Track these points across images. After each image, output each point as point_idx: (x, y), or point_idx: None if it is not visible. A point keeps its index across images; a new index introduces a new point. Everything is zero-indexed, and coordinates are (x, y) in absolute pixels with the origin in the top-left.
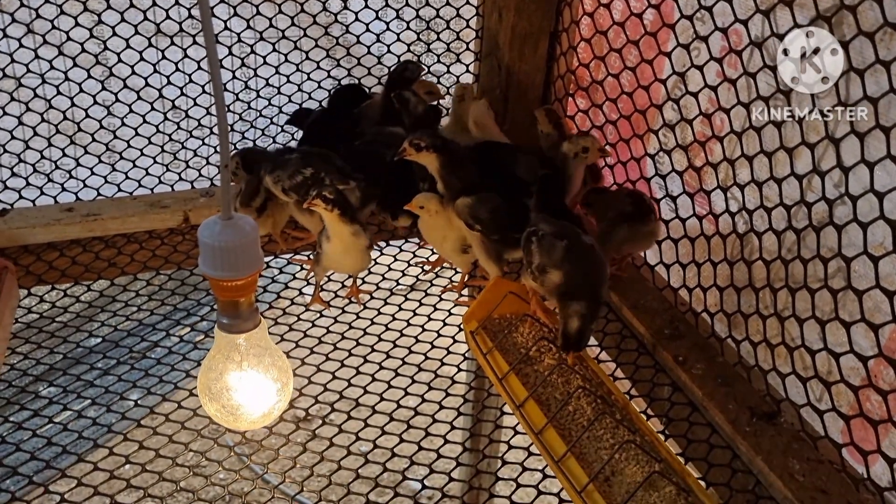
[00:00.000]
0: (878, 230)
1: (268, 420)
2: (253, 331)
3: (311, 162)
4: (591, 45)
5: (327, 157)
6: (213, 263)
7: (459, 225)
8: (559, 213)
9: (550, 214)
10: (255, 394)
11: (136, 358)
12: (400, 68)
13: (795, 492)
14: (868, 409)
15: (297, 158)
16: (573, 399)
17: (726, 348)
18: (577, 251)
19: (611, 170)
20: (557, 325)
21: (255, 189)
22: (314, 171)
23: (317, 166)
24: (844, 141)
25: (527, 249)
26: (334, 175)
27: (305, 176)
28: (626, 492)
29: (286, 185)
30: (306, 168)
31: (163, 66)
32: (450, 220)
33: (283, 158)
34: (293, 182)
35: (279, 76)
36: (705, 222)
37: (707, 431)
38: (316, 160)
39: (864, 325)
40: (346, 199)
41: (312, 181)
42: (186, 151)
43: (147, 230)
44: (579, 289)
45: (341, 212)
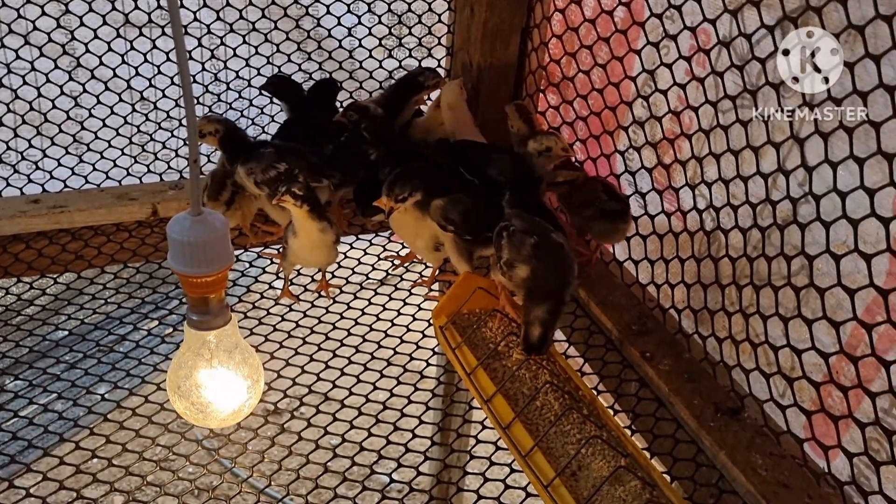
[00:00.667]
0: (840, 229)
1: (238, 418)
2: (223, 327)
3: (285, 157)
4: (562, 42)
5: (301, 153)
6: (182, 260)
7: (432, 224)
8: (533, 209)
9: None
10: (225, 392)
11: (103, 352)
12: (416, 72)
13: (758, 486)
14: (829, 405)
15: (272, 152)
16: (541, 394)
17: (693, 344)
18: (546, 248)
19: (581, 166)
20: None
21: (222, 182)
22: (288, 167)
23: (291, 161)
24: (809, 141)
25: (497, 244)
26: (307, 172)
27: (279, 171)
28: (592, 486)
29: (259, 178)
30: (280, 163)
31: (131, 56)
32: (423, 216)
33: (258, 151)
34: (266, 176)
35: (249, 68)
36: (674, 219)
37: (673, 426)
38: (290, 155)
39: (826, 323)
40: (315, 196)
41: (286, 176)
42: (155, 143)
43: (115, 223)
44: (545, 287)
45: (310, 208)
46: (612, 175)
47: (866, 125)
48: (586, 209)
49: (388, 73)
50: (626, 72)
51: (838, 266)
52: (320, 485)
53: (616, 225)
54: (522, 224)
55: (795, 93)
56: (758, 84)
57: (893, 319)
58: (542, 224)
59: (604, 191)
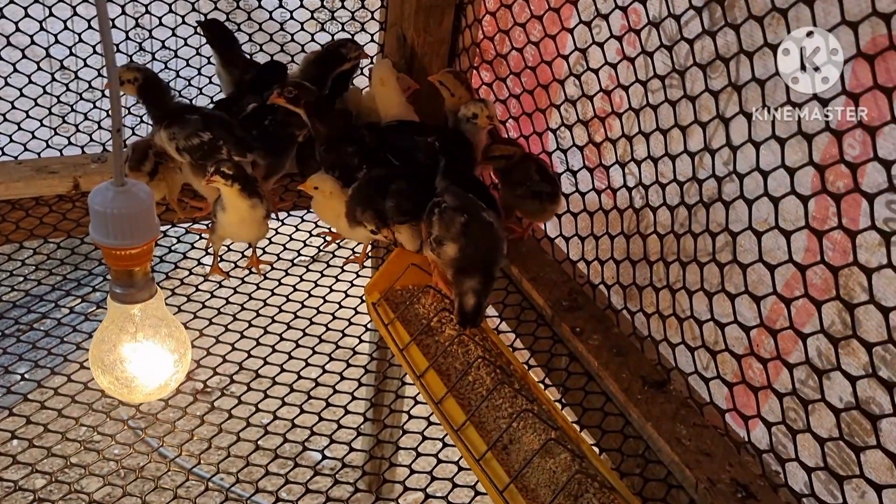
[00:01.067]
0: (762, 207)
1: (164, 392)
2: (148, 301)
3: (211, 126)
4: (495, 19)
5: (228, 124)
6: (105, 231)
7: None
8: (466, 181)
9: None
10: (150, 365)
11: (22, 330)
12: (337, 44)
13: (682, 455)
14: (750, 377)
15: (198, 120)
16: (473, 369)
17: (622, 319)
18: (476, 227)
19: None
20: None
21: (144, 153)
22: (212, 137)
23: (216, 132)
24: (733, 121)
25: (429, 220)
26: (231, 144)
27: (203, 139)
28: (523, 459)
29: (181, 144)
30: (205, 132)
31: (50, 23)
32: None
33: (183, 117)
34: (189, 143)
35: (176, 38)
36: (604, 196)
37: (602, 400)
38: (216, 125)
39: (748, 297)
40: (245, 173)
41: (209, 147)
42: (76, 115)
43: (34, 196)
44: (473, 264)
45: (241, 186)
46: (544, 152)
47: (788, 105)
48: (518, 187)
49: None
50: (558, 50)
51: (760, 243)
52: (251, 462)
53: (545, 206)
54: (454, 201)
55: (722, 73)
56: (686, 65)
57: (810, 294)
58: (474, 201)
59: (537, 171)
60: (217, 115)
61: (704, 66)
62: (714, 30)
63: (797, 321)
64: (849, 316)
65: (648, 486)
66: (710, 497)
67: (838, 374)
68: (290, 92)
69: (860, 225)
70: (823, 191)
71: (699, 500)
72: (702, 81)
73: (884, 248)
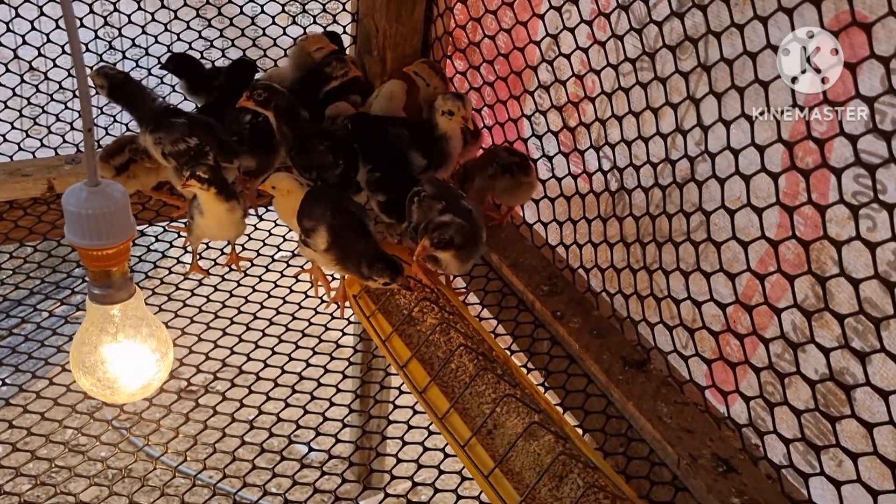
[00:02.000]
0: (735, 185)
1: (147, 392)
2: (128, 301)
3: (197, 131)
4: (466, 7)
5: (213, 128)
6: (80, 232)
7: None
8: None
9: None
10: (132, 366)
11: (2, 335)
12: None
13: (663, 433)
14: (728, 353)
15: (184, 124)
16: (455, 357)
17: (601, 302)
18: (454, 214)
19: (489, 131)
20: (438, 286)
21: (120, 146)
22: (199, 142)
23: (202, 137)
24: (704, 101)
25: (408, 209)
26: (217, 150)
27: (189, 145)
28: (507, 443)
29: (167, 149)
30: (191, 137)
31: (17, 24)
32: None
33: (169, 121)
34: (175, 148)
35: (146, 36)
36: (580, 181)
37: (584, 381)
38: (202, 131)
39: (723, 275)
40: (221, 176)
41: (195, 152)
42: (48, 116)
43: (7, 200)
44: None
45: (217, 190)
46: (519, 139)
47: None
48: (488, 168)
49: (293, 41)
50: (530, 36)
51: (733, 220)
52: (238, 458)
53: (518, 179)
54: (433, 190)
55: (691, 54)
56: (655, 47)
57: (783, 269)
58: (453, 190)
59: (503, 150)
60: (203, 119)
61: (674, 47)
62: (682, 11)
63: (771, 296)
64: (821, 289)
65: (632, 464)
66: (692, 472)
67: (812, 346)
68: (260, 95)
69: (829, 199)
70: (793, 167)
71: (681, 476)
72: (672, 63)
73: (853, 222)
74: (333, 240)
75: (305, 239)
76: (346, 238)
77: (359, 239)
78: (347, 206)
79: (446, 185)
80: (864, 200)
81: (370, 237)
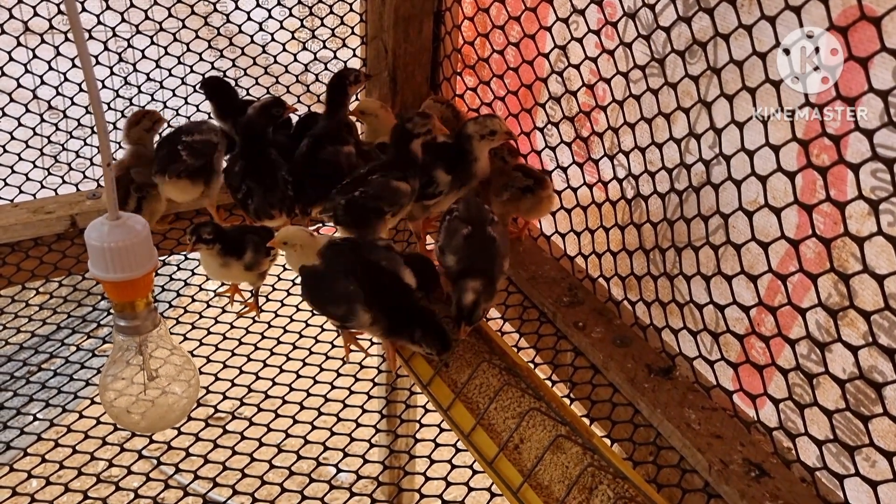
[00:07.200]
0: (751, 187)
1: (176, 421)
2: (153, 331)
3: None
4: (474, 23)
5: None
6: (103, 266)
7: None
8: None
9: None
10: (160, 395)
11: (31, 371)
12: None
13: (693, 440)
14: (754, 356)
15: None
16: (479, 373)
17: (623, 310)
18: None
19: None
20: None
21: (126, 190)
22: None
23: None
24: (715, 104)
25: (440, 227)
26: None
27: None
28: (535, 457)
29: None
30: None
31: (35, 65)
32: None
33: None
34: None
35: (160, 70)
36: (595, 190)
37: (609, 391)
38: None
39: (744, 278)
40: (223, 232)
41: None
42: (68, 153)
43: (32, 237)
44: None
45: (222, 247)
46: (532, 152)
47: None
48: (504, 192)
49: (304, 66)
50: (538, 49)
51: (752, 222)
52: (267, 481)
53: (538, 195)
54: (465, 212)
55: (700, 58)
56: (664, 52)
57: (805, 268)
58: (484, 213)
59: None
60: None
61: (682, 52)
62: (689, 15)
63: (795, 297)
64: (845, 287)
65: (662, 473)
66: (724, 478)
67: (839, 345)
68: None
69: (847, 196)
70: (809, 165)
71: (713, 483)
72: (681, 68)
73: (873, 217)
74: (376, 315)
75: (343, 325)
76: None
77: (399, 298)
78: (369, 258)
79: (480, 206)
80: (883, 195)
81: (410, 293)
